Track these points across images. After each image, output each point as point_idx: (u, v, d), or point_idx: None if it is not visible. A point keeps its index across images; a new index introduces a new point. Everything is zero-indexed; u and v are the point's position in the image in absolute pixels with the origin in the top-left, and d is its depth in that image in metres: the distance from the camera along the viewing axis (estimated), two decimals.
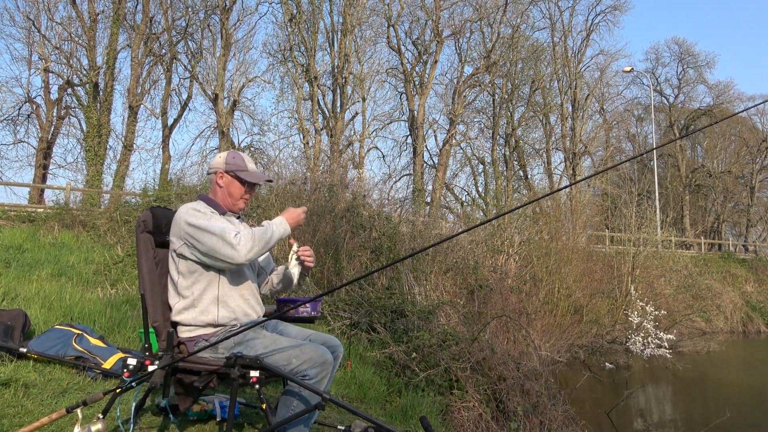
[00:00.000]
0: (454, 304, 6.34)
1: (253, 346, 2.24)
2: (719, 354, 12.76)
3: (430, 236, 7.65)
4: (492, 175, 25.36)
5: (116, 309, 4.89)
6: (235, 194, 2.42)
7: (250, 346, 2.23)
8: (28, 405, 2.71)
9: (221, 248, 2.15)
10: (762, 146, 32.24)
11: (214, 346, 2.21)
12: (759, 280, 21.17)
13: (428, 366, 4.77)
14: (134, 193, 12.28)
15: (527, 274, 8.95)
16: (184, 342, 2.27)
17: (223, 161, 2.43)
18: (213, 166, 2.46)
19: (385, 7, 23.27)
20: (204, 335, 2.25)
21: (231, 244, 2.14)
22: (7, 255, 7.40)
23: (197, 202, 2.38)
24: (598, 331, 10.18)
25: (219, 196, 2.43)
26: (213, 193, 2.45)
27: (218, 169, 2.43)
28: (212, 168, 2.46)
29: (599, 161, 29.16)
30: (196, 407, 2.84)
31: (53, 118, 21.29)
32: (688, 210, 31.36)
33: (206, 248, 2.18)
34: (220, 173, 2.42)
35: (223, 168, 2.42)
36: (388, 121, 25.24)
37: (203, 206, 2.34)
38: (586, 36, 28.18)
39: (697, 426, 6.59)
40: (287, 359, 2.20)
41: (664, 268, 13.35)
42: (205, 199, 2.42)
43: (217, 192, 2.43)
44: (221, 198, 2.42)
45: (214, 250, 2.16)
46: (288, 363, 2.20)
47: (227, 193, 2.42)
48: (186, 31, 21.86)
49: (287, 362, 2.20)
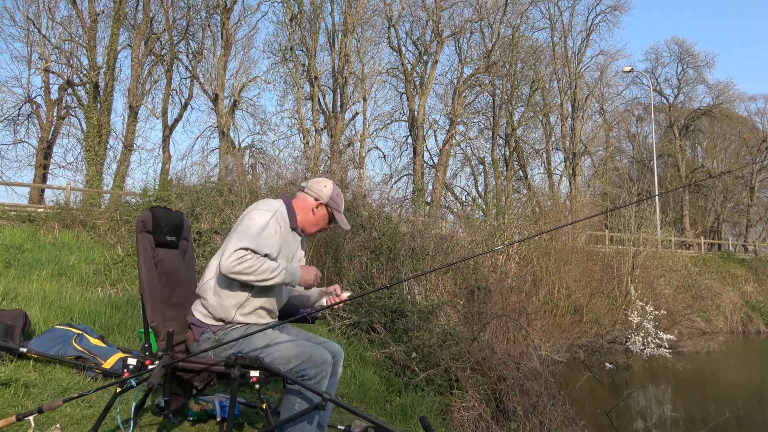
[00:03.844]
0: (454, 304, 6.34)
1: (252, 342, 2.24)
2: (719, 354, 12.77)
3: (430, 236, 7.65)
4: (492, 175, 25.37)
5: (116, 309, 4.89)
6: (318, 224, 2.51)
7: (250, 342, 2.24)
8: (28, 405, 2.71)
9: (233, 245, 2.13)
10: (762, 146, 32.22)
11: (217, 340, 2.24)
12: (759, 280, 21.16)
13: (428, 366, 4.77)
14: (134, 193, 12.27)
15: (527, 274, 8.95)
16: (192, 324, 2.28)
17: (328, 195, 2.48)
18: (317, 192, 2.48)
19: (386, 7, 23.31)
20: (213, 326, 2.27)
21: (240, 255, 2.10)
22: (7, 255, 7.41)
23: (279, 202, 2.42)
24: (598, 331, 10.18)
25: (302, 213, 2.46)
26: (298, 207, 2.47)
27: (321, 200, 2.47)
28: (315, 193, 2.48)
29: (599, 161, 29.16)
30: (196, 407, 2.84)
31: (53, 118, 21.31)
32: (687, 210, 31.34)
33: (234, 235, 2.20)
34: (320, 202, 2.48)
35: (326, 201, 2.47)
36: (388, 121, 25.29)
37: (281, 213, 2.35)
38: (586, 36, 28.19)
39: (697, 426, 6.60)
40: (287, 358, 2.21)
41: (664, 268, 13.34)
42: (287, 205, 2.44)
43: (303, 209, 2.47)
44: (303, 216, 2.47)
45: (231, 242, 2.16)
46: (287, 362, 2.21)
47: (313, 221, 2.49)
48: (187, 31, 21.86)
49: (287, 361, 2.21)
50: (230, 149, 19.99)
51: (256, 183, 9.73)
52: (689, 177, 31.84)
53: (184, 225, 2.63)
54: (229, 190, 8.60)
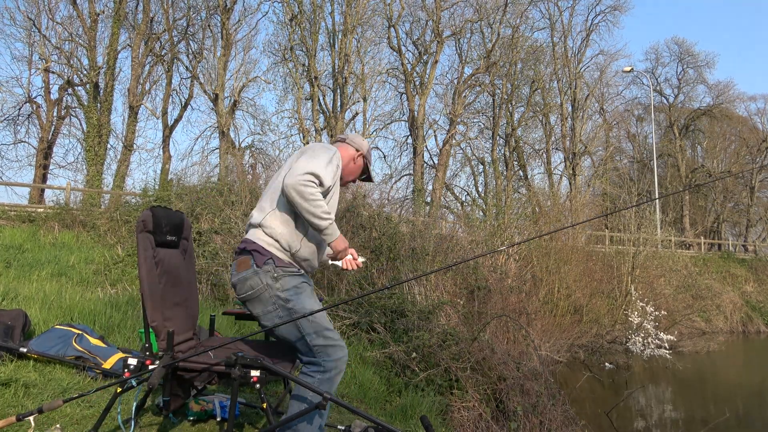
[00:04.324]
0: (454, 304, 6.33)
1: (303, 300, 2.23)
2: (719, 354, 12.77)
3: (430, 236, 7.65)
4: (492, 175, 25.36)
5: (116, 309, 4.89)
6: (353, 174, 2.58)
7: (300, 299, 2.23)
8: (28, 405, 2.71)
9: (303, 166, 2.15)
10: (762, 146, 32.22)
11: (275, 278, 2.21)
12: (759, 280, 21.15)
13: (428, 366, 4.77)
14: (134, 193, 12.27)
15: (527, 274, 8.95)
16: (254, 250, 2.23)
17: (367, 148, 2.58)
18: (358, 144, 2.57)
19: (386, 7, 23.31)
20: (275, 256, 2.24)
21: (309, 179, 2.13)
22: (7, 255, 7.41)
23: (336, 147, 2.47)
24: (598, 331, 10.17)
25: (344, 161, 2.51)
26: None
27: (361, 151, 2.55)
28: (356, 144, 2.56)
29: (599, 161, 29.16)
30: (196, 407, 2.84)
31: (53, 118, 21.32)
32: (687, 210, 31.34)
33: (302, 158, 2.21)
34: (360, 153, 2.56)
35: (365, 152, 2.58)
36: (388, 121, 25.29)
37: (338, 156, 2.39)
38: (586, 36, 28.20)
39: (697, 426, 6.59)
40: (321, 330, 2.20)
41: (664, 268, 13.34)
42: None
43: (345, 158, 2.52)
44: (344, 164, 2.51)
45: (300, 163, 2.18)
46: (318, 335, 2.20)
47: (352, 170, 2.56)
48: (187, 31, 21.88)
49: (318, 333, 2.20)
50: (230, 149, 19.99)
51: (256, 183, 9.72)
52: (689, 177, 31.83)
53: (185, 225, 2.63)
54: (229, 190, 8.59)
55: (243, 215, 7.76)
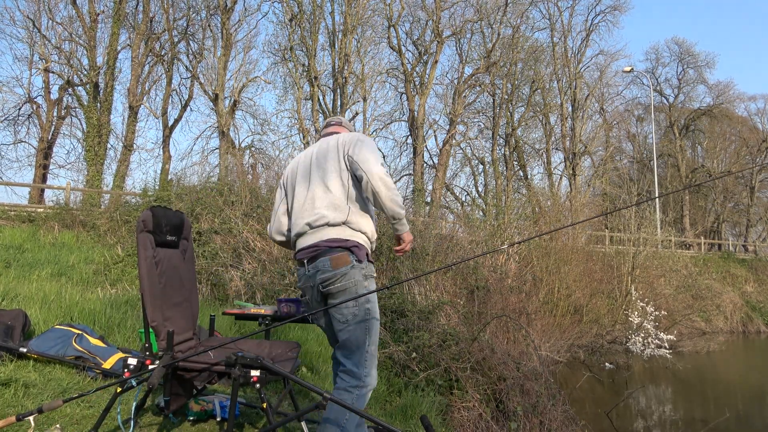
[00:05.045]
0: (454, 304, 6.33)
1: (376, 306, 2.28)
2: (719, 354, 12.77)
3: (430, 236, 7.65)
4: (492, 175, 25.36)
5: (116, 309, 4.89)
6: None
7: (376, 305, 2.27)
8: (28, 405, 2.70)
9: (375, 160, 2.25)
10: (762, 146, 32.21)
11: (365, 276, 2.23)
12: (759, 280, 21.15)
13: (428, 366, 4.77)
14: (134, 193, 12.26)
15: (527, 274, 8.95)
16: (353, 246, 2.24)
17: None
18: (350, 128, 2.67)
19: (386, 7, 23.30)
20: (360, 244, 2.27)
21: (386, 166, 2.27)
22: (7, 255, 7.40)
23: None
24: (598, 331, 10.17)
25: None
26: None
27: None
28: (351, 128, 2.68)
29: (599, 161, 29.16)
30: (196, 407, 2.84)
31: (53, 118, 21.32)
32: (687, 210, 31.34)
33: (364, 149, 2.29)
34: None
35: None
36: (388, 121, 25.29)
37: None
38: (586, 36, 28.19)
39: (697, 426, 6.60)
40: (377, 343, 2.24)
41: (664, 268, 13.35)
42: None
43: None
44: None
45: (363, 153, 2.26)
46: (374, 347, 2.22)
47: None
48: (187, 31, 21.86)
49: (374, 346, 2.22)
50: (230, 149, 19.98)
51: (256, 183, 9.73)
52: (689, 177, 31.83)
53: (185, 225, 2.63)
54: (229, 190, 8.59)
55: (243, 215, 7.75)
